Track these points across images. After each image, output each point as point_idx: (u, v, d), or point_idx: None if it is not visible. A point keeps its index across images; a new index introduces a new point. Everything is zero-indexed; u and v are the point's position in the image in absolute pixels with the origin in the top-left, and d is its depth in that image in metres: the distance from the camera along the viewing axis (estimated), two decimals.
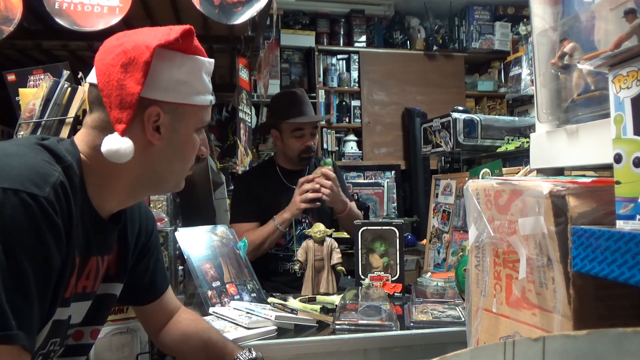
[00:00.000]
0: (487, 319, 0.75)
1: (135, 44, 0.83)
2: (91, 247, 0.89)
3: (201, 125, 0.94)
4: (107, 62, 0.84)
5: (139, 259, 1.09)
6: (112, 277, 1.01)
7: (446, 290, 1.66)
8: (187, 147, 0.93)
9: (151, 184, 0.94)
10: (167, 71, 0.85)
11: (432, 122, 2.43)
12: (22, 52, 2.28)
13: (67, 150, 0.85)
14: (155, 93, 0.84)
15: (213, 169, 2.43)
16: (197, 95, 0.90)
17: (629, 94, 0.51)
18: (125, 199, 0.93)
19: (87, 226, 0.86)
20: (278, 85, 4.14)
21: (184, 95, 0.87)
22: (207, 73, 0.92)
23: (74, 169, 0.83)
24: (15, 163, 0.74)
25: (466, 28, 4.39)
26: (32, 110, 1.38)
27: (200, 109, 0.92)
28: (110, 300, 1.04)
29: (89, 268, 0.91)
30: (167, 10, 2.05)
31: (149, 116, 0.85)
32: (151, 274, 1.11)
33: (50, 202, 0.73)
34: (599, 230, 0.52)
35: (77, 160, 0.85)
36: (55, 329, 0.84)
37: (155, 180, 0.93)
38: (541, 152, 0.88)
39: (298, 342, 1.30)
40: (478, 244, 0.77)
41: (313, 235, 1.87)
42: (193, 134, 0.92)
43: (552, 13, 0.84)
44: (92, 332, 1.01)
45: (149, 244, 1.10)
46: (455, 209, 2.17)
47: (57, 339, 0.88)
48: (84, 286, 0.91)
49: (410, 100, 4.22)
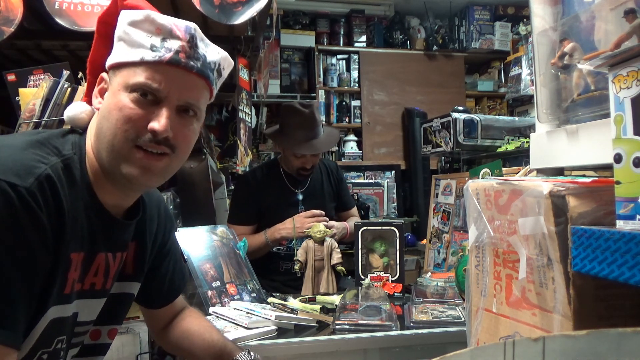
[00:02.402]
0: (487, 319, 0.75)
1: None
2: (97, 242, 0.87)
3: (134, 83, 0.80)
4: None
5: (160, 261, 1.07)
6: (129, 276, 1.00)
7: (446, 290, 1.66)
8: (113, 108, 0.80)
9: (104, 168, 0.84)
10: (115, 37, 0.84)
11: (432, 122, 2.43)
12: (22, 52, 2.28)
13: (74, 142, 0.84)
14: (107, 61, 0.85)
15: (213, 169, 2.43)
16: (127, 52, 0.81)
17: (629, 94, 0.51)
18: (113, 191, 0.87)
19: (92, 221, 0.84)
20: (278, 85, 4.13)
21: (117, 57, 0.83)
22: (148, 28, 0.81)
23: (75, 162, 0.81)
24: (3, 154, 0.73)
25: (466, 28, 4.39)
26: (32, 110, 1.38)
27: (131, 68, 0.81)
28: (127, 300, 1.02)
29: (97, 264, 0.88)
30: (167, 11, 2.05)
31: (98, 83, 0.86)
32: (171, 276, 1.10)
33: (31, 194, 0.70)
34: (599, 230, 0.52)
35: (82, 154, 0.83)
36: (56, 327, 0.82)
37: (101, 163, 0.83)
38: (541, 152, 0.88)
39: (298, 342, 1.30)
40: (478, 244, 0.77)
41: (313, 235, 1.87)
42: (123, 97, 0.80)
43: (552, 13, 0.84)
44: (109, 332, 1.00)
45: (168, 244, 1.09)
46: (455, 209, 2.17)
47: (64, 337, 0.86)
48: (92, 283, 0.89)
49: (410, 100, 4.21)
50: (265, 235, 2.01)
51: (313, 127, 2.02)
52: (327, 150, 1.91)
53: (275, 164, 2.20)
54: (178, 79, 0.82)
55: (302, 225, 1.95)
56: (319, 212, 1.99)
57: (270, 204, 2.09)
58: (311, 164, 2.06)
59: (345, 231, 2.08)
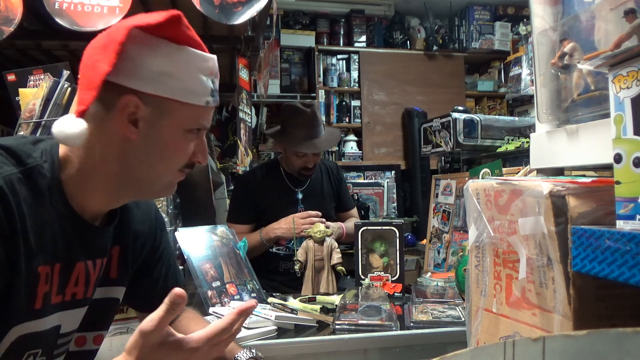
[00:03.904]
0: (487, 319, 0.75)
1: (119, 26, 0.77)
2: (74, 252, 0.84)
3: (193, 127, 0.84)
4: (91, 45, 0.79)
5: (152, 265, 1.06)
6: (113, 281, 0.97)
7: (446, 290, 1.66)
8: (171, 147, 0.83)
9: (132, 184, 0.85)
10: (148, 59, 0.77)
11: (432, 122, 2.43)
12: (22, 52, 2.28)
13: (44, 150, 0.80)
14: (134, 82, 0.77)
15: (213, 169, 2.43)
16: (188, 92, 0.80)
17: (629, 94, 0.51)
18: (107, 200, 0.87)
19: (66, 230, 0.81)
20: (278, 85, 4.13)
21: (169, 89, 0.79)
22: (206, 70, 0.83)
23: (40, 171, 0.77)
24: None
25: (466, 28, 4.39)
26: (32, 110, 1.38)
27: (192, 109, 0.82)
28: (112, 305, 1.00)
29: (76, 274, 0.85)
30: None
31: (124, 105, 0.77)
32: (164, 280, 1.09)
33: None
34: (599, 230, 0.52)
35: (53, 161, 0.80)
36: (27, 342, 0.79)
37: (135, 180, 0.85)
38: (541, 152, 0.88)
39: (298, 342, 1.30)
40: (478, 244, 0.77)
41: (313, 235, 1.87)
42: (180, 135, 0.83)
43: (552, 13, 0.84)
44: (95, 338, 0.98)
45: (160, 248, 1.07)
46: (455, 209, 2.17)
47: (38, 350, 0.83)
48: (73, 293, 0.86)
49: (410, 100, 4.21)
50: (260, 234, 2.02)
51: (314, 126, 2.03)
52: (328, 149, 1.92)
53: (275, 164, 2.20)
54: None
55: (298, 226, 1.95)
56: (315, 213, 1.99)
57: (270, 203, 2.09)
58: (313, 163, 2.06)
59: (340, 231, 2.08)
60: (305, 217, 1.98)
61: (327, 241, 1.87)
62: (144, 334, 0.73)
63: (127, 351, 0.75)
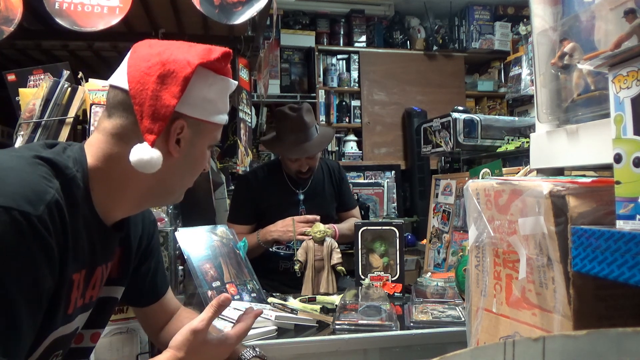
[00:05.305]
0: (487, 319, 0.75)
1: (176, 57, 0.83)
2: (97, 257, 0.87)
3: (214, 143, 0.96)
4: (142, 70, 0.83)
5: (141, 261, 1.08)
6: (114, 281, 1.00)
7: (446, 290, 1.66)
8: (199, 162, 0.94)
9: (160, 195, 0.94)
10: (199, 88, 0.86)
11: (432, 122, 2.43)
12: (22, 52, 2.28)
13: (75, 159, 0.82)
14: (185, 108, 0.85)
15: (213, 169, 2.43)
16: (218, 114, 0.91)
17: (629, 94, 0.51)
18: (131, 209, 0.93)
19: (92, 237, 0.84)
20: (278, 85, 4.13)
21: (208, 113, 0.89)
22: (229, 93, 0.94)
23: (76, 182, 0.80)
24: (11, 179, 0.71)
25: (466, 28, 4.39)
26: (32, 110, 1.38)
27: (216, 127, 0.93)
28: (111, 304, 1.03)
29: (96, 277, 0.89)
30: (167, 11, 2.05)
31: (175, 129, 0.86)
32: (152, 275, 1.11)
33: (43, 222, 0.70)
34: (599, 230, 0.52)
35: (84, 170, 0.82)
36: (56, 345, 0.83)
37: (164, 191, 0.93)
38: (541, 152, 0.88)
39: (298, 342, 1.30)
40: (478, 244, 0.77)
41: (313, 235, 1.87)
42: (206, 150, 0.94)
43: (552, 13, 0.84)
44: (92, 336, 1.00)
45: (150, 246, 1.10)
46: (455, 209, 2.17)
47: (60, 351, 0.87)
48: (90, 296, 0.90)
49: (410, 100, 4.21)
50: (258, 236, 2.02)
51: (303, 130, 2.00)
52: (318, 152, 1.92)
53: (277, 164, 2.20)
54: None
55: (295, 229, 1.95)
56: (313, 217, 1.98)
57: (271, 204, 2.09)
58: (307, 166, 2.05)
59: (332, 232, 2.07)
60: (303, 221, 1.97)
61: (327, 241, 1.87)
62: (196, 332, 0.88)
63: (175, 348, 0.89)
